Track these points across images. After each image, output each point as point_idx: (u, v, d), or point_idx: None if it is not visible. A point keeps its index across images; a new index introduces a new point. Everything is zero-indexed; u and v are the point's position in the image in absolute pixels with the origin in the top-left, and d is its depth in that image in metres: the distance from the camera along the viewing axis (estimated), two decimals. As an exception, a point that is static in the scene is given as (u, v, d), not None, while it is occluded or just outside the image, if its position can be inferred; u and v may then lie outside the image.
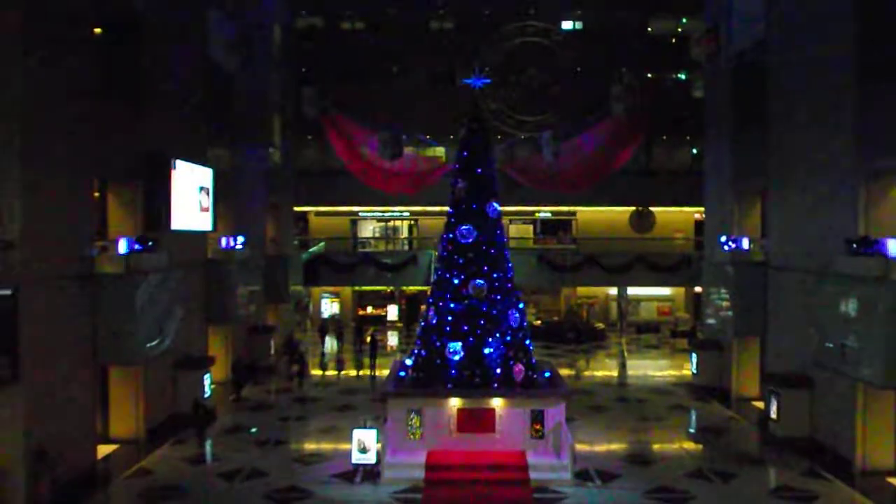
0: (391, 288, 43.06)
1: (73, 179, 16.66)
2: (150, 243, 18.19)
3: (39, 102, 15.07)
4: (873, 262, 15.44)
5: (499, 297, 18.74)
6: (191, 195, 22.06)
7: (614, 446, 20.32)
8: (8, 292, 13.63)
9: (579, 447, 18.43)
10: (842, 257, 16.60)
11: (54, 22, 15.64)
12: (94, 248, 17.46)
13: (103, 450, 18.36)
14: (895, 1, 16.93)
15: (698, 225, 41.02)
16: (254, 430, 21.39)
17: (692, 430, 22.39)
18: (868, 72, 17.54)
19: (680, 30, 44.16)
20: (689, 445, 20.64)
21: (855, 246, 16.13)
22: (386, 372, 25.99)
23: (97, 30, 18.25)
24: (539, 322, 39.65)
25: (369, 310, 44.47)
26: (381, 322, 43.10)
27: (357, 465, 17.46)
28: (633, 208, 42.03)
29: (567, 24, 43.89)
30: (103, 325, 17.10)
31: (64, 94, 16.11)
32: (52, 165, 15.54)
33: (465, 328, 18.41)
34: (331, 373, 30.20)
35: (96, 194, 18.73)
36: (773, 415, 20.40)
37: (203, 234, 24.28)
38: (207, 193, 23.38)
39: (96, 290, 17.01)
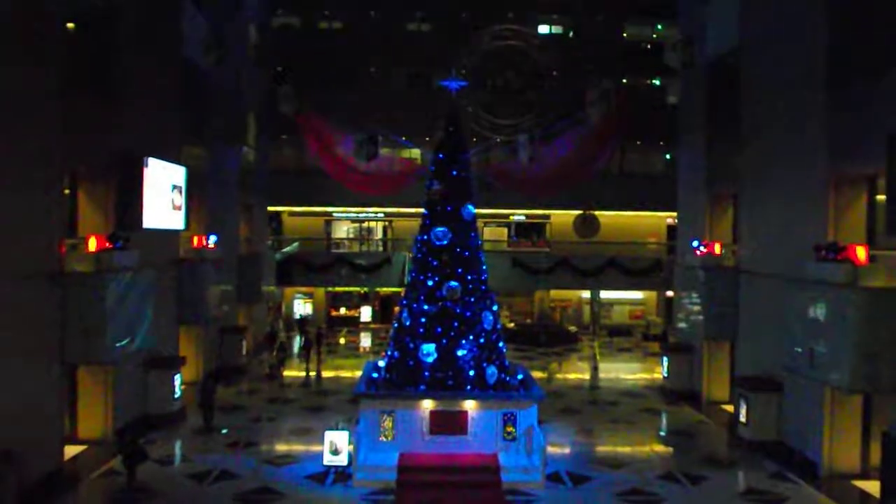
0: (365, 289, 42.95)
1: (44, 176, 16.39)
2: (121, 241, 17.97)
3: (9, 98, 14.82)
4: (841, 268, 15.67)
5: (472, 300, 18.78)
6: (163, 193, 21.84)
7: (586, 449, 20.43)
8: (-25, 290, 13.43)
9: (551, 449, 18.52)
10: (811, 263, 16.82)
11: (25, 16, 15.40)
12: (64, 245, 17.22)
13: (71, 450, 18.08)
14: (865, 10, 17.17)
15: (671, 229, 41.41)
16: (224, 430, 21.21)
17: (663, 433, 22.57)
18: (838, 79, 17.81)
19: (655, 35, 44.58)
20: (660, 448, 20.80)
21: (823, 252, 16.35)
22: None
23: (69, 25, 18.03)
24: (512, 325, 39.77)
25: (342, 311, 44.35)
26: (354, 323, 43.09)
27: (329, 467, 17.39)
28: (576, 212, 41.61)
29: (544, 29, 44.13)
30: (72, 324, 16.82)
31: (35, 89, 15.85)
32: (21, 161, 15.30)
33: (439, 330, 18.43)
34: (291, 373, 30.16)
35: (67, 191, 18.47)
36: (743, 418, 20.62)
37: (175, 232, 24.05)
38: (180, 192, 23.16)
39: (66, 289, 16.76)
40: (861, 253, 15.60)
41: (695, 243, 24.61)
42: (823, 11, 18.43)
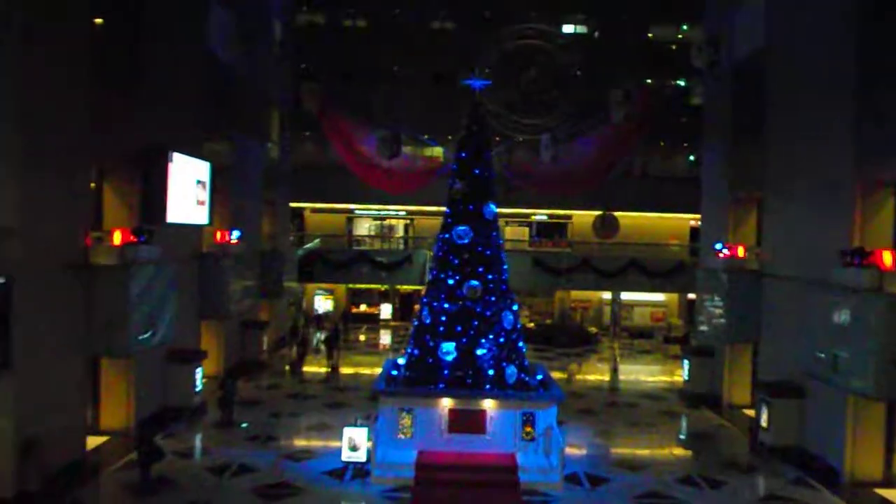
0: (385, 286, 43.06)
1: (70, 170, 16.59)
2: (145, 235, 18.14)
3: (37, 92, 15.01)
4: (867, 273, 15.49)
5: (493, 299, 18.75)
6: (187, 188, 22.01)
7: (604, 451, 20.36)
8: (2, 281, 13.61)
9: (569, 450, 18.47)
10: (836, 268, 16.65)
11: (53, 11, 15.58)
12: (90, 238, 17.41)
13: (93, 441, 18.30)
14: (894, 15, 16.97)
15: (693, 231, 41.14)
16: (244, 424, 21.36)
17: (682, 437, 22.44)
18: (867, 83, 17.60)
19: (680, 37, 44.32)
20: (679, 451, 20.69)
21: (849, 257, 16.18)
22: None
23: (97, 20, 18.21)
24: (532, 325, 39.69)
25: (363, 307, 44.50)
26: (374, 320, 43.24)
27: (347, 463, 17.46)
28: (597, 212, 41.20)
29: (569, 28, 43.99)
30: (96, 316, 17.03)
31: (62, 84, 16.04)
32: (49, 155, 15.48)
33: (459, 329, 18.40)
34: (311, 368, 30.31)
35: (93, 185, 18.68)
36: (764, 423, 20.45)
37: (198, 227, 24.23)
38: (204, 187, 23.33)
39: (90, 281, 16.96)
40: (887, 258, 15.44)
41: (718, 246, 24.43)
42: (852, 16, 18.22)
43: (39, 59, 15.02)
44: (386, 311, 43.92)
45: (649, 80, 41.35)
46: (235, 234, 26.42)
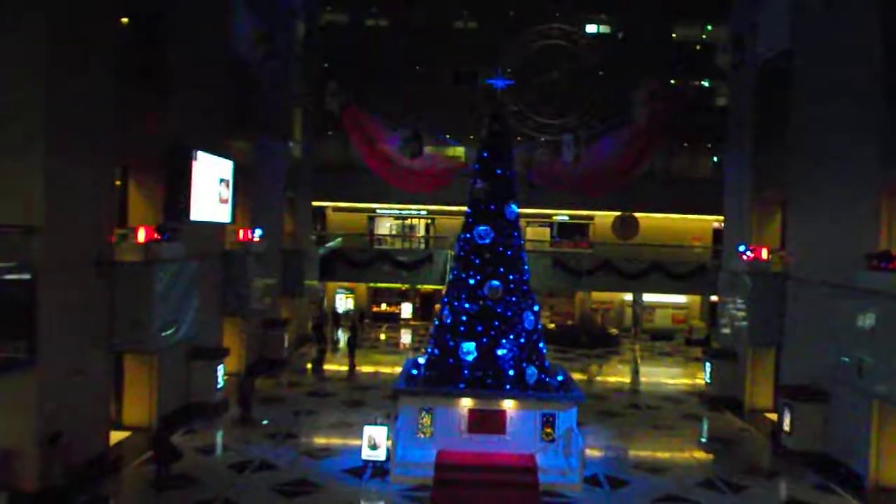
0: (406, 286, 43.12)
1: (96, 167, 16.74)
2: (169, 233, 18.30)
3: (64, 91, 15.17)
4: (892, 277, 15.30)
5: (514, 299, 18.72)
6: (211, 186, 22.17)
7: (624, 453, 20.27)
8: (28, 276, 13.78)
9: (589, 452, 18.40)
10: (861, 271, 16.45)
11: (79, 11, 15.75)
12: (114, 235, 17.59)
13: (116, 436, 18.48)
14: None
15: (716, 233, 40.81)
16: (265, 421, 21.48)
17: (704, 440, 22.29)
18: (893, 86, 17.37)
19: (704, 37, 44.00)
20: (700, 455, 20.55)
21: (875, 260, 15.99)
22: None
23: (123, 20, 18.39)
24: (553, 325, 39.58)
25: (384, 307, 44.62)
26: (394, 319, 43.34)
27: (367, 462, 17.51)
28: (617, 213, 40.93)
29: (591, 28, 43.83)
30: (120, 313, 17.20)
31: (87, 82, 16.19)
32: (75, 153, 15.65)
33: (479, 329, 18.40)
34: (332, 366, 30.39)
35: (118, 182, 18.86)
36: (787, 427, 20.25)
37: (221, 225, 24.39)
38: (227, 185, 23.49)
39: (115, 278, 17.13)
40: (913, 262, 15.24)
41: (741, 248, 24.20)
42: (878, 17, 17.98)
43: (65, 58, 15.18)
44: (406, 310, 44.00)
45: (673, 81, 41.05)
46: (258, 232, 26.56)
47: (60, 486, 14.79)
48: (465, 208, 19.73)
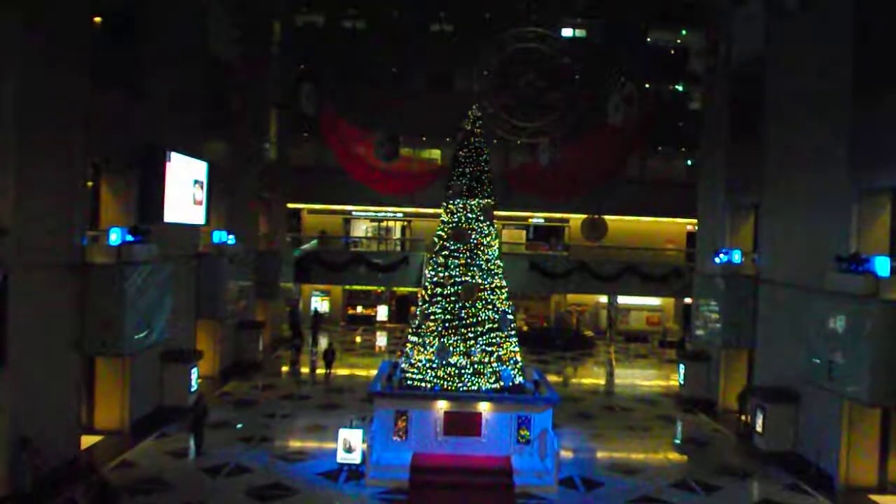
0: (382, 288, 43.00)
1: (67, 168, 16.56)
2: (142, 235, 18.11)
3: (35, 90, 14.98)
4: (862, 279, 15.52)
5: (489, 301, 18.74)
6: (185, 188, 21.99)
7: (599, 454, 20.35)
8: (-3, 278, 13.59)
9: (564, 454, 18.46)
10: (832, 274, 16.67)
11: (52, 10, 15.56)
12: (86, 237, 17.38)
13: (87, 440, 18.26)
14: (891, 23, 17.01)
15: (690, 236, 41.16)
16: (239, 425, 21.32)
17: (677, 441, 22.42)
18: (863, 91, 17.65)
19: (679, 41, 44.35)
20: (674, 456, 20.68)
21: (845, 263, 16.20)
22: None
23: (96, 19, 18.19)
24: (527, 328, 39.68)
25: (359, 309, 44.44)
26: (370, 322, 43.16)
27: (342, 465, 17.42)
28: (585, 216, 40.76)
29: (567, 32, 44.00)
30: (92, 315, 17.01)
31: (60, 82, 16.01)
32: (46, 153, 15.47)
33: (455, 330, 18.40)
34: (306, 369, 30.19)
35: (90, 183, 18.64)
36: (759, 428, 20.46)
37: (195, 227, 24.19)
38: (201, 187, 23.31)
39: (86, 280, 16.93)
40: (883, 265, 15.45)
41: (723, 257, 24.37)
42: (849, 24, 18.25)
43: (37, 57, 14.99)
44: (382, 312, 43.88)
45: (648, 85, 41.34)
46: (232, 234, 26.38)
47: (31, 492, 14.57)
48: (440, 210, 19.70)
